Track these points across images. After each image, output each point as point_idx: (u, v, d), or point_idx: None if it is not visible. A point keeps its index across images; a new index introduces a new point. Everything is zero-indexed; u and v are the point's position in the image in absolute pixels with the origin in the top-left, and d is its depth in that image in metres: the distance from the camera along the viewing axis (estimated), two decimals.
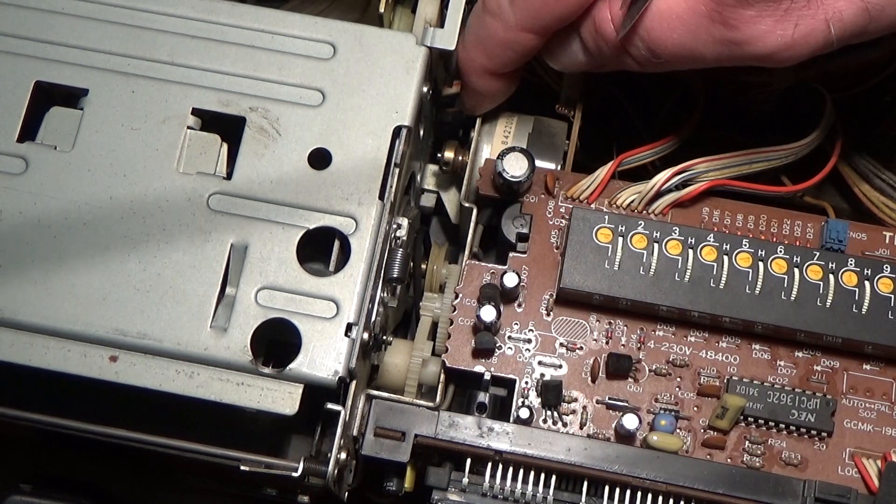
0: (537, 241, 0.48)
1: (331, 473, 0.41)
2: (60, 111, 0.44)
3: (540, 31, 0.44)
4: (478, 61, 0.46)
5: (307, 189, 0.43)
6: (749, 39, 0.40)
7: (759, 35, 0.39)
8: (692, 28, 0.40)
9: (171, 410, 0.42)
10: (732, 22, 0.39)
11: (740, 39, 0.40)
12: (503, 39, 0.44)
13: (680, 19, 0.40)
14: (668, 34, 0.41)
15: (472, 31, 0.46)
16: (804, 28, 0.39)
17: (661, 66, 0.43)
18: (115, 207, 0.43)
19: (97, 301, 0.41)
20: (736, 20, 0.39)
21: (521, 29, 0.44)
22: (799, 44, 0.39)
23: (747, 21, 0.39)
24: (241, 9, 0.46)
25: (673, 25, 0.41)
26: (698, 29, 0.40)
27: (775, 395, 0.45)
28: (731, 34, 0.40)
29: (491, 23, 0.44)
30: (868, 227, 0.48)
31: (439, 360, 0.47)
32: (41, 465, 0.52)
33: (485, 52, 0.45)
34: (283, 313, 0.42)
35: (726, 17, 0.39)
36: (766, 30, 0.39)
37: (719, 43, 0.40)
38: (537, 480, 0.44)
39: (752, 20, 0.39)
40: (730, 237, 0.46)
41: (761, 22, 0.39)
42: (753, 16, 0.39)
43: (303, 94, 0.45)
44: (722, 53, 0.41)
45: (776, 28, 0.39)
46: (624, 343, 0.47)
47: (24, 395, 0.42)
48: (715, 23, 0.40)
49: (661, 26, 0.41)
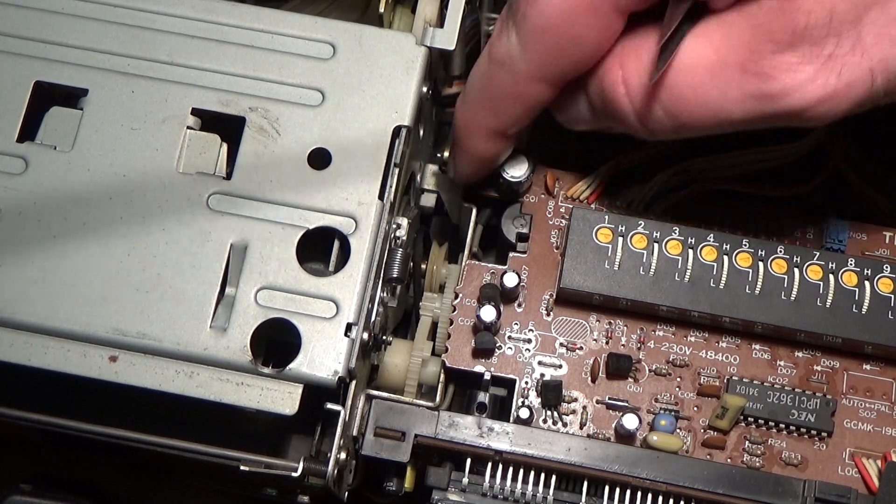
0: (537, 241, 0.48)
1: (331, 473, 0.41)
2: (60, 111, 0.44)
3: (553, 80, 0.40)
4: (482, 120, 0.43)
5: (307, 189, 0.43)
6: (786, 91, 0.35)
7: (797, 85, 0.35)
8: (721, 82, 0.36)
9: (171, 410, 0.42)
10: (768, 71, 0.35)
11: (775, 92, 0.35)
12: (512, 92, 0.41)
13: (709, 72, 0.36)
14: (693, 91, 0.37)
15: (476, 86, 0.43)
16: (848, 76, 0.35)
17: (676, 132, 0.39)
18: (115, 207, 0.43)
19: (97, 301, 0.41)
20: (773, 69, 0.35)
21: (532, 79, 0.40)
22: (840, 95, 0.35)
23: (785, 70, 0.35)
24: (241, 9, 0.46)
25: (699, 80, 0.36)
26: (728, 83, 0.36)
27: (775, 395, 0.45)
28: (767, 86, 0.35)
29: (498, 74, 0.41)
30: (868, 227, 0.48)
31: (439, 360, 0.47)
32: (41, 465, 0.52)
33: (491, 108, 0.42)
34: (283, 313, 0.42)
35: (762, 65, 0.35)
36: (806, 79, 0.35)
37: (752, 98, 0.36)
38: (537, 480, 0.44)
39: (791, 68, 0.35)
40: (730, 237, 0.46)
41: (801, 70, 0.35)
42: (794, 63, 0.35)
43: (303, 94, 0.45)
44: (752, 111, 0.36)
45: (817, 77, 0.35)
46: (624, 343, 0.47)
47: (24, 395, 0.42)
48: (748, 74, 0.35)
49: (686, 81, 0.37)
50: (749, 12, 0.35)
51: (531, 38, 0.39)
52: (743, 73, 0.36)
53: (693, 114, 0.37)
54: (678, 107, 0.37)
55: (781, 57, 0.35)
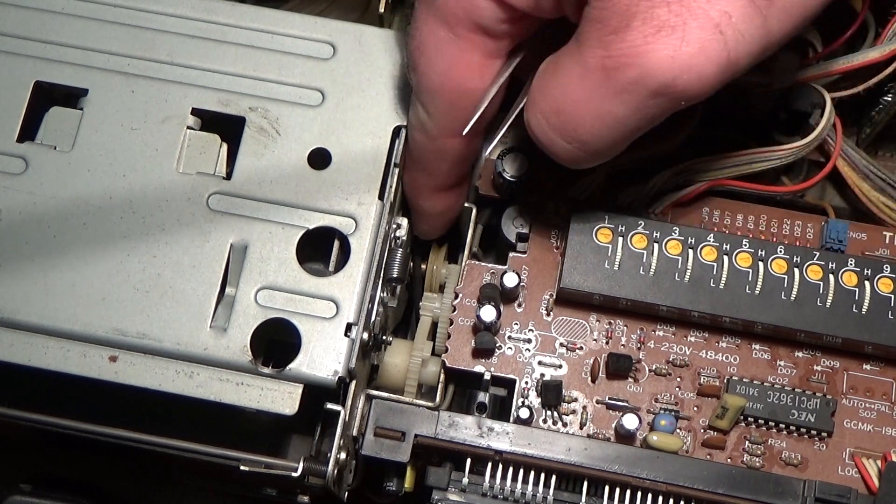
0: (537, 241, 0.48)
1: (330, 473, 0.41)
2: (60, 111, 0.45)
3: (461, 131, 0.43)
4: (420, 181, 0.46)
5: (307, 189, 0.43)
6: (645, 72, 0.35)
7: (652, 64, 0.35)
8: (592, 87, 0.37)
9: (171, 410, 0.42)
10: (622, 60, 0.36)
11: (636, 76, 0.36)
12: (433, 150, 0.44)
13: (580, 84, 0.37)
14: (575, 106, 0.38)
15: (408, 151, 0.45)
16: (695, 41, 0.35)
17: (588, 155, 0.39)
18: (115, 207, 0.43)
19: (97, 301, 0.41)
20: (625, 56, 0.35)
21: (444, 135, 0.43)
22: (698, 61, 0.35)
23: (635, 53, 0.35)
24: (240, 9, 0.46)
25: (576, 94, 0.37)
26: (598, 85, 0.37)
27: (775, 395, 0.45)
28: (627, 74, 0.36)
29: (418, 138, 0.44)
30: (868, 227, 0.48)
31: (439, 360, 0.47)
32: (41, 465, 0.52)
33: (422, 169, 0.45)
34: (283, 313, 0.42)
35: (615, 58, 0.36)
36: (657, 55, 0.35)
37: (623, 91, 0.36)
38: (537, 480, 0.44)
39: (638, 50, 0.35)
40: (730, 237, 0.46)
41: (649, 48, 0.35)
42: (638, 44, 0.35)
43: (302, 94, 0.45)
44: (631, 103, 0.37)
45: (664, 49, 0.35)
46: (624, 343, 0.47)
47: (24, 395, 0.42)
48: (608, 70, 0.36)
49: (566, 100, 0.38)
50: (585, 16, 0.36)
51: (427, 101, 0.42)
52: (604, 71, 0.36)
53: (585, 128, 0.38)
54: (568, 127, 0.38)
55: (625, 42, 0.35)
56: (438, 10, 0.39)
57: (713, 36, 0.35)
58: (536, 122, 0.39)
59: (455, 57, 0.40)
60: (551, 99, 0.39)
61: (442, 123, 0.43)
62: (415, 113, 0.43)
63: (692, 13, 0.35)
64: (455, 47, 0.40)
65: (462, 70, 0.41)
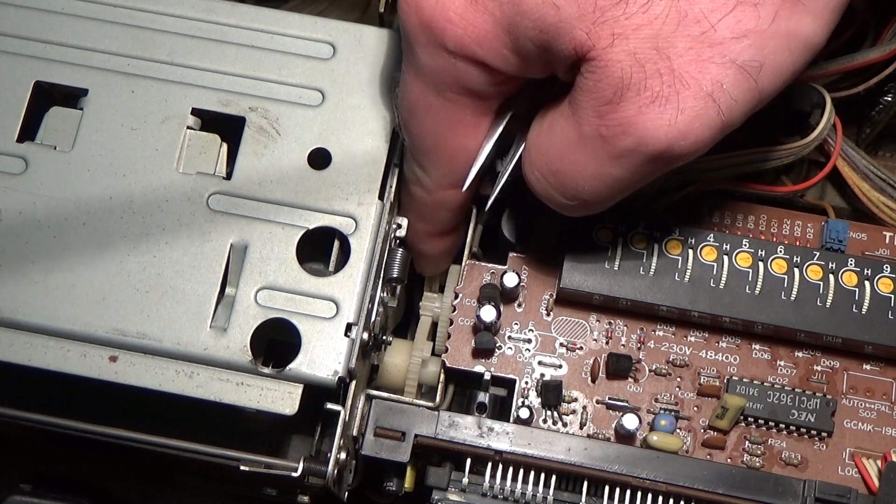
0: (537, 241, 0.48)
1: (330, 473, 0.41)
2: (60, 111, 0.44)
3: (458, 183, 0.43)
4: (419, 228, 0.46)
5: (307, 189, 0.43)
6: (642, 140, 0.36)
7: (648, 132, 0.36)
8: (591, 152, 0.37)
9: (171, 410, 0.42)
10: (619, 128, 0.36)
11: (634, 144, 0.36)
12: (431, 202, 0.45)
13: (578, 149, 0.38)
14: (575, 168, 0.38)
15: (405, 201, 0.46)
16: (690, 110, 0.35)
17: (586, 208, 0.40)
18: (115, 207, 0.43)
19: (97, 301, 0.41)
20: (621, 125, 0.36)
21: (441, 188, 0.44)
22: (694, 128, 0.36)
23: (631, 122, 0.36)
24: (240, 9, 0.46)
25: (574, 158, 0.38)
26: (597, 151, 0.37)
27: (775, 395, 0.45)
28: (624, 141, 0.36)
29: (415, 191, 0.44)
30: (868, 227, 0.48)
31: (439, 360, 0.47)
32: (41, 465, 0.52)
33: (421, 217, 0.46)
34: (283, 313, 0.42)
35: (611, 127, 0.36)
36: (652, 124, 0.36)
37: (621, 157, 0.37)
38: (537, 480, 0.44)
39: (634, 119, 0.36)
40: (730, 237, 0.46)
41: (644, 117, 0.36)
42: (632, 114, 0.36)
43: (302, 94, 0.45)
44: (630, 167, 0.37)
45: (660, 118, 0.35)
46: (624, 343, 0.47)
47: (24, 395, 0.42)
48: (605, 137, 0.37)
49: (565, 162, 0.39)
50: (579, 86, 0.37)
51: (422, 159, 0.43)
52: (601, 139, 0.37)
53: (583, 188, 0.39)
54: (568, 187, 0.39)
55: (621, 112, 0.36)
56: (427, 75, 0.39)
57: (707, 104, 0.36)
58: (535, 179, 0.40)
59: (446, 118, 0.41)
60: (548, 159, 0.39)
61: (439, 179, 0.43)
62: (410, 169, 0.44)
63: (684, 83, 0.35)
64: (445, 110, 0.41)
65: (454, 130, 0.41)
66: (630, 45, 0.35)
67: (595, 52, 0.35)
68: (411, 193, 0.45)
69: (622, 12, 0.35)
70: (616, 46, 0.35)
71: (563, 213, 0.41)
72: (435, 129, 0.41)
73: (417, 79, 0.40)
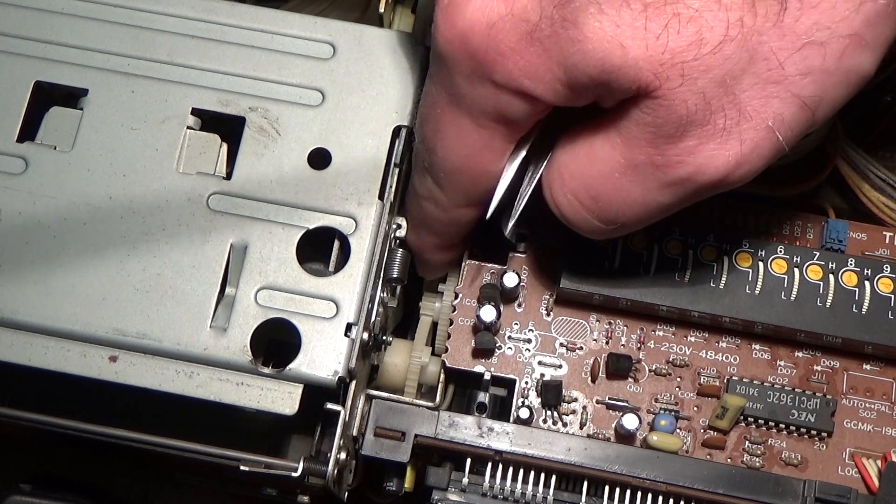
0: (537, 241, 0.48)
1: (330, 473, 0.41)
2: (60, 111, 0.44)
3: (475, 203, 0.43)
4: (427, 241, 0.46)
5: (307, 189, 0.43)
6: (698, 171, 0.36)
7: (705, 163, 0.36)
8: (639, 180, 0.37)
9: (170, 410, 0.42)
10: (675, 159, 0.36)
11: (689, 174, 0.36)
12: (444, 219, 0.44)
13: (626, 175, 0.37)
14: (619, 194, 0.38)
15: (414, 215, 0.45)
16: (751, 141, 0.36)
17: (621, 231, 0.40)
18: (115, 207, 0.43)
19: (97, 301, 0.41)
20: (678, 156, 0.36)
21: (457, 207, 0.43)
22: (751, 157, 0.36)
23: (690, 154, 0.36)
24: (240, 9, 0.46)
25: (619, 184, 0.38)
26: (646, 179, 0.37)
27: (775, 395, 0.45)
28: (679, 172, 0.36)
29: (427, 207, 0.44)
30: (868, 227, 0.48)
31: (439, 360, 0.47)
32: (41, 465, 0.52)
33: (430, 231, 0.45)
34: (283, 313, 0.42)
35: (668, 157, 0.36)
36: (711, 155, 0.36)
37: (671, 185, 0.37)
38: (537, 480, 0.44)
39: (694, 151, 0.36)
40: (730, 237, 0.46)
41: (704, 150, 0.36)
42: (693, 146, 0.36)
43: (302, 94, 0.45)
44: (677, 194, 0.37)
45: (722, 150, 0.36)
46: (624, 343, 0.47)
47: (24, 395, 0.42)
48: (659, 167, 0.37)
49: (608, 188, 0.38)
50: (635, 118, 0.36)
51: (443, 181, 0.42)
52: (654, 167, 0.37)
53: (627, 214, 0.39)
54: (608, 212, 0.39)
55: (681, 145, 0.36)
56: (464, 103, 0.38)
57: (767, 135, 0.36)
58: (567, 203, 0.39)
59: (477, 144, 0.40)
60: (587, 183, 0.39)
61: (456, 199, 0.43)
62: (424, 185, 0.43)
63: (746, 117, 0.35)
64: (478, 136, 0.39)
65: (482, 155, 0.40)
66: (698, 86, 0.35)
67: (661, 91, 0.35)
68: (423, 209, 0.44)
69: (693, 56, 0.34)
70: (685, 87, 0.35)
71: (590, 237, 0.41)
72: (463, 153, 0.40)
73: (451, 103, 0.39)
